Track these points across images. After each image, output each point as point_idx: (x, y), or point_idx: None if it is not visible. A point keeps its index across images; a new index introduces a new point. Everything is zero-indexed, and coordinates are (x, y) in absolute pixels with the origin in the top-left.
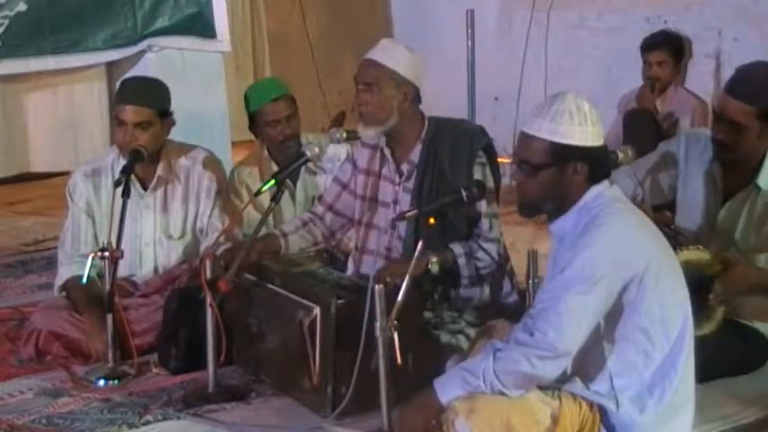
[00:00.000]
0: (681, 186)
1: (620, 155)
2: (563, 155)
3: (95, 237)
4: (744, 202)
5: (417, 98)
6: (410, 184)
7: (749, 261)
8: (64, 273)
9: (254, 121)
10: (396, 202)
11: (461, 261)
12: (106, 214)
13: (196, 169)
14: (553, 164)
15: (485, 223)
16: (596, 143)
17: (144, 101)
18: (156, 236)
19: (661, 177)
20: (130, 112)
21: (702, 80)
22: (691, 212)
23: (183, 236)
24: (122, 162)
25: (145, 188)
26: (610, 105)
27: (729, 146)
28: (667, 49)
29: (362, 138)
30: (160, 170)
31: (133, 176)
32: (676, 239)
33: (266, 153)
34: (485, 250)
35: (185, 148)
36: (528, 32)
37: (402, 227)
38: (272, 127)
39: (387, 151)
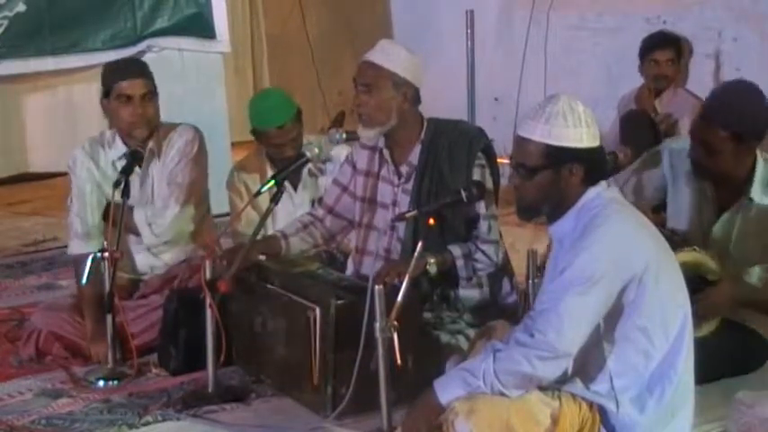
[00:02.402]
0: (670, 198)
1: (620, 155)
2: (558, 157)
3: (100, 205)
4: (737, 213)
5: (416, 99)
6: (409, 185)
7: (737, 277)
8: (75, 245)
9: (257, 134)
10: (395, 203)
11: (459, 263)
12: (108, 183)
13: (176, 136)
14: (549, 166)
15: (483, 225)
16: (592, 144)
17: (143, 74)
18: (147, 215)
19: (643, 178)
20: (137, 85)
21: (702, 81)
22: (682, 224)
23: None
24: (119, 142)
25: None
26: (610, 105)
27: (703, 165)
28: (673, 48)
29: (362, 139)
30: (151, 144)
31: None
32: (672, 240)
33: (265, 156)
34: (483, 252)
35: (173, 125)
36: (528, 33)
37: (401, 228)
38: (276, 148)
39: (386, 153)
